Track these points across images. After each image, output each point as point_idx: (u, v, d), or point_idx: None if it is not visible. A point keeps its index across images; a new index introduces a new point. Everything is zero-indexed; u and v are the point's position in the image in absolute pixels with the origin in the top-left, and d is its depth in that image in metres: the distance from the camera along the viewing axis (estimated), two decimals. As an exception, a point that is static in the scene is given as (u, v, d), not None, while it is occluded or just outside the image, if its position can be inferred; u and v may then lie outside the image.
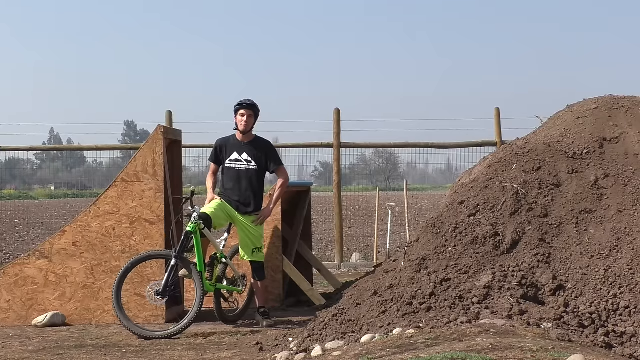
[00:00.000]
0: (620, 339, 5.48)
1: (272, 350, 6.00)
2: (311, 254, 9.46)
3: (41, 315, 7.52)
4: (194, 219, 7.09)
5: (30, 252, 7.89)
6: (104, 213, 7.69)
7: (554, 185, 6.80)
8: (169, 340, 6.69)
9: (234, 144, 7.56)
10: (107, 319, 7.55)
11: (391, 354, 4.49)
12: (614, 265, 6.07)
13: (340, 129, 12.57)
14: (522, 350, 4.23)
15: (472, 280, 5.96)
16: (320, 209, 25.26)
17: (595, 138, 7.16)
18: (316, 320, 6.26)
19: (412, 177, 28.45)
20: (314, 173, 24.47)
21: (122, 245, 7.64)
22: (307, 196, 9.30)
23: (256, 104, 7.55)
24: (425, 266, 6.27)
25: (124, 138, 70.46)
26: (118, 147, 16.79)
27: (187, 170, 15.86)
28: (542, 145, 7.18)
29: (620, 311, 5.67)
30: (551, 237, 6.40)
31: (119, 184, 7.71)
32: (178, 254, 6.99)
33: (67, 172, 35.44)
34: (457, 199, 6.97)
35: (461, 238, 6.40)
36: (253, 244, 7.40)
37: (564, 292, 5.89)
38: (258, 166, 7.50)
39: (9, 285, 7.69)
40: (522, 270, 6.03)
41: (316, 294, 8.27)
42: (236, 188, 7.47)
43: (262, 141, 7.67)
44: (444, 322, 5.35)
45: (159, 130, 7.76)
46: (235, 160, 7.50)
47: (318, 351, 5.20)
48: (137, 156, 7.73)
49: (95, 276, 7.64)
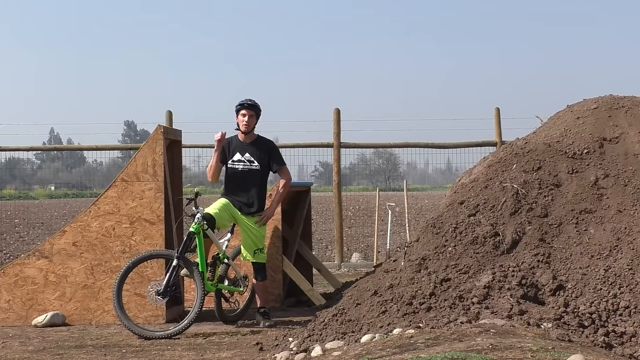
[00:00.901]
0: (620, 339, 5.48)
1: (272, 350, 6.00)
2: (311, 254, 9.46)
3: (41, 315, 7.52)
4: (198, 219, 7.09)
5: (30, 252, 7.89)
6: (104, 213, 7.69)
7: (554, 185, 6.80)
8: (169, 340, 6.69)
9: (237, 145, 7.55)
10: (107, 319, 7.56)
11: (391, 354, 4.49)
12: (614, 265, 6.06)
13: (340, 129, 12.57)
14: (522, 350, 4.23)
15: (472, 280, 5.96)
16: (320, 209, 25.25)
17: (595, 138, 7.16)
18: (316, 320, 6.26)
19: (412, 177, 28.45)
20: (314, 173, 24.46)
21: (122, 245, 7.64)
22: (307, 196, 9.30)
23: (257, 104, 7.54)
24: (425, 266, 6.27)
25: (124, 138, 70.48)
26: (118, 147, 16.78)
27: (187, 170, 15.87)
28: (542, 145, 7.18)
29: (620, 311, 5.67)
30: (551, 237, 6.39)
31: (119, 184, 7.71)
32: (180, 254, 7.00)
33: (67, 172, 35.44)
34: (457, 199, 6.96)
35: (461, 238, 6.40)
36: (255, 244, 7.40)
37: (564, 292, 5.89)
38: (261, 166, 7.49)
39: (9, 285, 7.69)
40: (522, 270, 6.03)
41: (316, 294, 8.27)
42: (239, 188, 7.46)
43: (264, 141, 7.66)
44: (444, 322, 5.35)
45: (159, 130, 7.76)
46: (238, 161, 7.49)
47: (318, 351, 5.20)
48: (137, 156, 7.73)
49: (95, 276, 7.64)
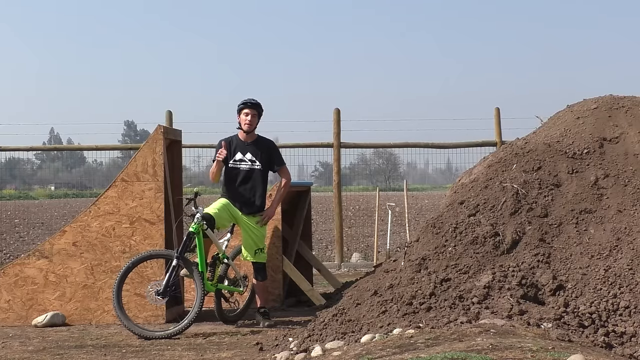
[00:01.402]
0: (620, 339, 5.48)
1: (272, 350, 6.00)
2: (311, 254, 9.46)
3: (41, 315, 7.52)
4: (197, 219, 7.08)
5: (30, 252, 7.89)
6: (104, 213, 7.69)
7: (554, 185, 6.80)
8: (169, 340, 6.69)
9: (238, 144, 7.55)
10: (107, 319, 7.56)
11: (391, 354, 4.49)
12: (614, 265, 6.06)
13: (340, 129, 12.57)
14: (522, 350, 4.23)
15: (472, 280, 5.96)
16: (320, 209, 25.25)
17: (595, 138, 7.16)
18: (316, 320, 6.26)
19: (412, 177, 28.45)
20: (314, 173, 24.42)
21: (122, 245, 7.64)
22: (307, 196, 9.30)
23: (260, 103, 7.53)
24: (425, 266, 6.27)
25: (124, 138, 70.42)
26: (118, 147, 16.77)
27: (187, 170, 15.87)
28: (542, 145, 7.18)
29: (620, 311, 5.67)
30: (551, 237, 6.39)
31: (119, 184, 7.71)
32: (180, 254, 6.99)
33: (67, 172, 35.41)
34: (457, 199, 6.96)
35: (461, 238, 6.40)
36: (256, 244, 7.39)
37: (564, 292, 5.89)
38: (262, 166, 7.50)
39: (9, 285, 7.69)
40: (522, 270, 6.03)
41: (316, 294, 8.27)
42: (240, 188, 7.46)
43: (265, 141, 7.66)
44: (444, 322, 5.35)
45: (159, 130, 7.76)
46: (240, 160, 7.49)
47: (318, 351, 5.19)
48: (137, 156, 7.73)
49: (95, 276, 7.64)
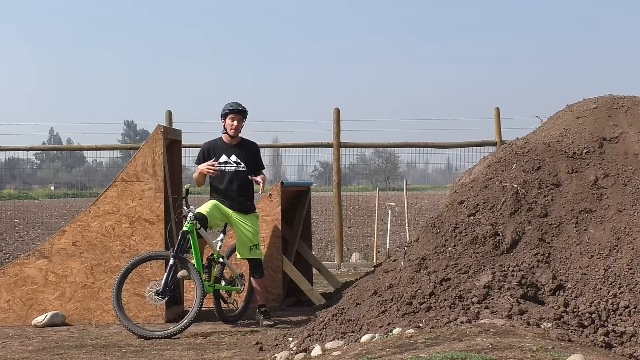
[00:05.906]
0: (620, 339, 5.48)
1: (272, 350, 6.00)
2: (311, 254, 9.46)
3: (41, 315, 7.52)
4: (190, 219, 7.10)
5: (30, 252, 7.89)
6: (104, 213, 7.69)
7: (554, 185, 6.80)
8: (169, 341, 6.69)
9: (222, 147, 7.60)
10: (107, 319, 7.56)
11: (391, 354, 4.49)
12: (614, 265, 6.06)
13: (340, 129, 12.58)
14: (522, 350, 4.23)
15: (472, 280, 5.96)
16: (320, 209, 25.23)
17: (595, 138, 7.16)
18: (316, 320, 6.26)
19: (412, 177, 28.40)
20: (314, 173, 24.40)
21: (122, 245, 7.64)
22: (307, 196, 9.30)
23: (246, 109, 7.60)
24: (425, 266, 6.27)
25: (124, 138, 70.41)
26: (118, 147, 16.75)
27: (187, 170, 15.80)
28: (542, 145, 7.18)
29: (620, 311, 5.67)
30: (551, 237, 6.39)
31: (119, 184, 7.71)
32: (176, 254, 6.99)
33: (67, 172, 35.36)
34: (457, 199, 6.97)
35: (461, 238, 6.40)
36: (251, 241, 7.41)
37: (564, 292, 5.89)
38: (248, 167, 7.55)
39: (9, 285, 7.69)
40: (522, 270, 6.03)
41: (316, 294, 8.27)
42: (228, 190, 7.50)
43: (249, 143, 7.75)
44: (444, 322, 5.35)
45: (159, 130, 7.76)
46: (225, 163, 7.54)
47: (318, 351, 5.19)
48: (137, 156, 7.73)
49: (95, 276, 7.64)
